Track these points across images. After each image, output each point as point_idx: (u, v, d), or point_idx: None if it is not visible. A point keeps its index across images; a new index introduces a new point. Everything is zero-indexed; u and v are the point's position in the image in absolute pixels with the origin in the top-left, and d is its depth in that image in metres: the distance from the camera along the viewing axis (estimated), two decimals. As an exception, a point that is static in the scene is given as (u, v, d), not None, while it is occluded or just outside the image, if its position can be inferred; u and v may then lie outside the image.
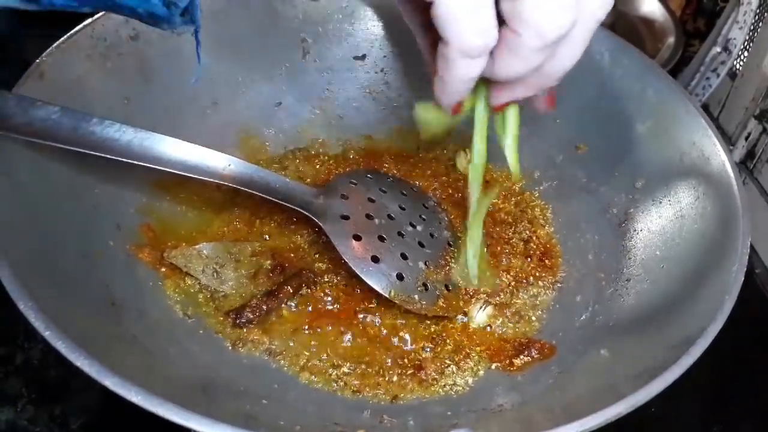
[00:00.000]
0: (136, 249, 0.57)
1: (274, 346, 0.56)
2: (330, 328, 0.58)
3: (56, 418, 0.59)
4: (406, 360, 0.56)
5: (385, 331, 0.58)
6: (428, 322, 0.59)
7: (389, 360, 0.56)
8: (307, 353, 0.56)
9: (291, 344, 0.56)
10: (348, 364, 0.55)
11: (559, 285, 0.64)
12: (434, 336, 0.58)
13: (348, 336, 0.57)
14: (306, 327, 0.57)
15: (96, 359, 0.37)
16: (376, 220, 0.60)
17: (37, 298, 0.39)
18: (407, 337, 0.58)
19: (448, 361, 0.57)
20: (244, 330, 0.56)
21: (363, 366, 0.56)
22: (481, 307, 0.60)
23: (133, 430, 0.58)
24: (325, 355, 0.56)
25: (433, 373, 0.56)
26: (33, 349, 0.62)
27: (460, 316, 0.60)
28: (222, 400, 0.49)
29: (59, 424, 0.58)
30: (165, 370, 0.48)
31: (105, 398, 0.60)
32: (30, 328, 0.38)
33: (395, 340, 0.58)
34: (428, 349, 0.57)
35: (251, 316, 0.56)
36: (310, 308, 0.59)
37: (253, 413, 0.48)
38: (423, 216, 0.63)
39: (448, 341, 0.58)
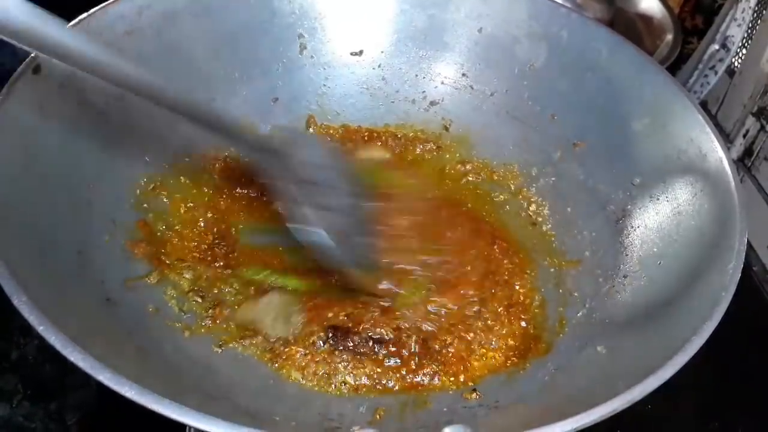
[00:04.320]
0: (132, 245, 0.57)
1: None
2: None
3: (52, 414, 0.58)
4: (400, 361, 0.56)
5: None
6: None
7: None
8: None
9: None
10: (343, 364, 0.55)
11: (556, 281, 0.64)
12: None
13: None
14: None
15: (91, 354, 0.37)
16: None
17: (31, 294, 0.39)
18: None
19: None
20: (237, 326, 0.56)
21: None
22: None
23: (129, 426, 0.58)
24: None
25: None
26: (28, 346, 0.62)
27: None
28: (217, 396, 0.48)
29: (55, 420, 0.58)
30: (160, 366, 0.48)
31: (101, 394, 0.60)
32: (25, 323, 0.38)
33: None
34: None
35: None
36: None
37: (248, 409, 0.48)
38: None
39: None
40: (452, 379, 0.55)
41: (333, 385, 0.54)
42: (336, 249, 0.54)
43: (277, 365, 0.55)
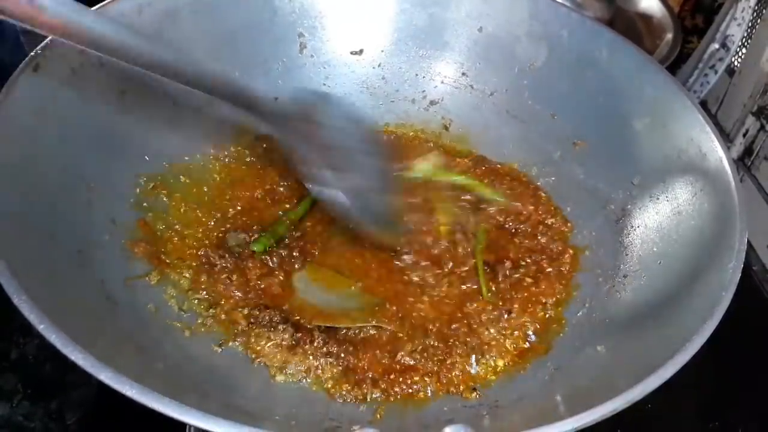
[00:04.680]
0: (132, 244, 0.57)
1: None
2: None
3: (52, 413, 0.58)
4: (396, 366, 0.56)
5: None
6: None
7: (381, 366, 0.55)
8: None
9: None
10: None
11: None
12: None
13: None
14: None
15: (91, 353, 0.37)
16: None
17: (31, 293, 0.39)
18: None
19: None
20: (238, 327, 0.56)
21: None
22: None
23: (129, 425, 0.57)
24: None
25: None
26: (28, 345, 0.62)
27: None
28: (217, 394, 0.48)
29: (55, 419, 0.58)
30: (160, 365, 0.48)
31: (101, 393, 0.59)
32: (25, 322, 0.38)
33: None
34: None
35: None
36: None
37: (247, 408, 0.48)
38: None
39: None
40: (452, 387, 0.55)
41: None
42: (353, 208, 0.57)
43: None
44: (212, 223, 0.63)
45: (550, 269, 0.63)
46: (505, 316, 0.59)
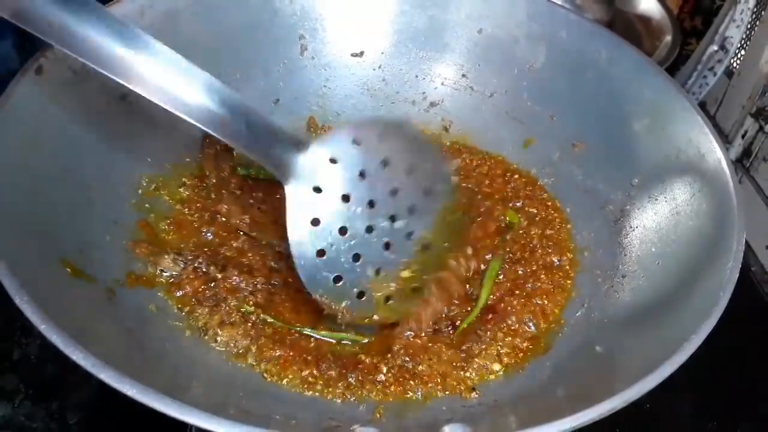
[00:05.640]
0: (133, 245, 0.57)
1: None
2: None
3: (53, 413, 0.59)
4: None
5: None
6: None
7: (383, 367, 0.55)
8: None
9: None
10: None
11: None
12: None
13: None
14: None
15: (92, 353, 0.37)
16: (351, 207, 0.54)
17: (33, 294, 0.39)
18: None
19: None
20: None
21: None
22: None
23: (131, 426, 0.58)
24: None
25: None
26: (30, 345, 0.62)
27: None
28: (217, 394, 0.49)
29: (56, 419, 0.58)
30: (161, 365, 0.48)
31: (102, 393, 0.60)
32: (26, 323, 0.38)
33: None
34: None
35: None
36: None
37: (248, 407, 0.48)
38: (414, 208, 0.56)
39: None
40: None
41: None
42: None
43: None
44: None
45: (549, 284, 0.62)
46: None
